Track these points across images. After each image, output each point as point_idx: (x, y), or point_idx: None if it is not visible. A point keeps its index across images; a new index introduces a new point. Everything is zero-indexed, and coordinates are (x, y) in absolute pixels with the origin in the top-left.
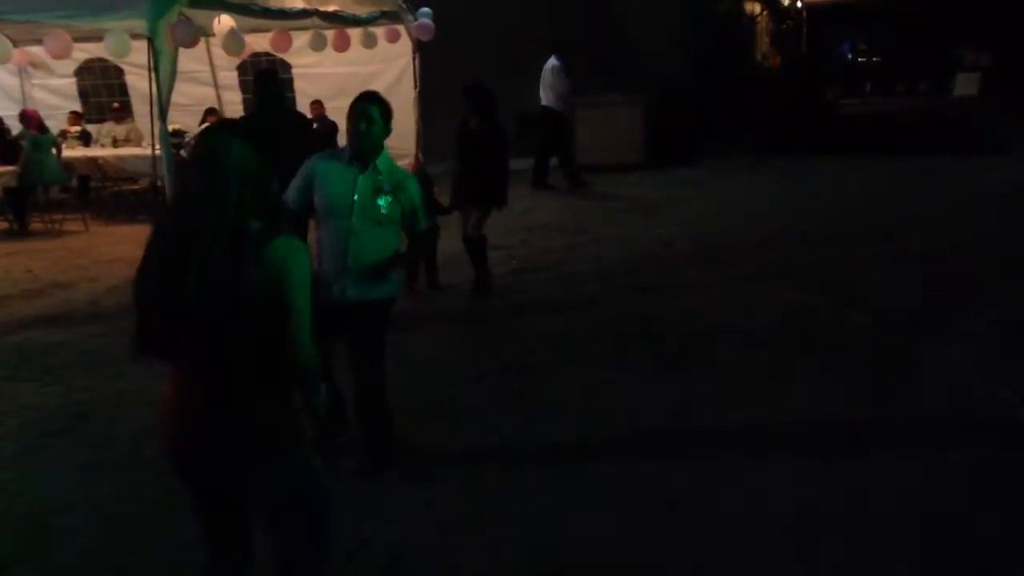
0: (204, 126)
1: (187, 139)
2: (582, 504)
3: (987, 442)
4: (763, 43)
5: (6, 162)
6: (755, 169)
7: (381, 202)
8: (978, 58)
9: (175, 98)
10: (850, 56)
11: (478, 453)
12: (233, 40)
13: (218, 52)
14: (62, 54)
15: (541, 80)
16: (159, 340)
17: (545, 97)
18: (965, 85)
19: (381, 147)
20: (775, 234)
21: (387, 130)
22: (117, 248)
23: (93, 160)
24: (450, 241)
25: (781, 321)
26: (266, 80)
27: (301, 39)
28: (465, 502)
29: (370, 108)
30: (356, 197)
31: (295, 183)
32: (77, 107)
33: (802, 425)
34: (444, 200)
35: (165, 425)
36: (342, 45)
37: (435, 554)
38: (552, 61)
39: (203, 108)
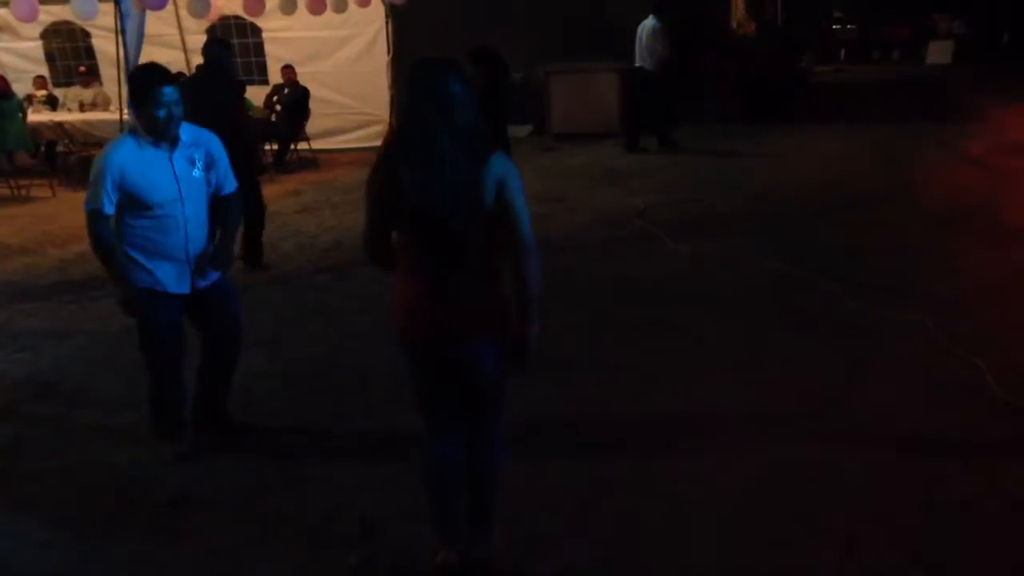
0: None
1: None
2: (554, 475)
3: (959, 409)
4: (738, 10)
5: None
6: (729, 137)
7: (197, 174)
8: (951, 26)
9: (143, 61)
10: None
11: None
12: (199, 2)
13: (186, 15)
14: (28, 17)
15: (636, 40)
16: (387, 253)
17: (640, 58)
18: (938, 53)
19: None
20: (748, 202)
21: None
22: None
23: (60, 125)
24: None
25: (755, 289)
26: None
27: (273, 2)
28: None
29: (175, 90)
30: (178, 179)
31: (105, 186)
32: (43, 71)
33: (777, 392)
34: None
35: (415, 316)
36: (317, 8)
37: (409, 521)
38: (651, 22)
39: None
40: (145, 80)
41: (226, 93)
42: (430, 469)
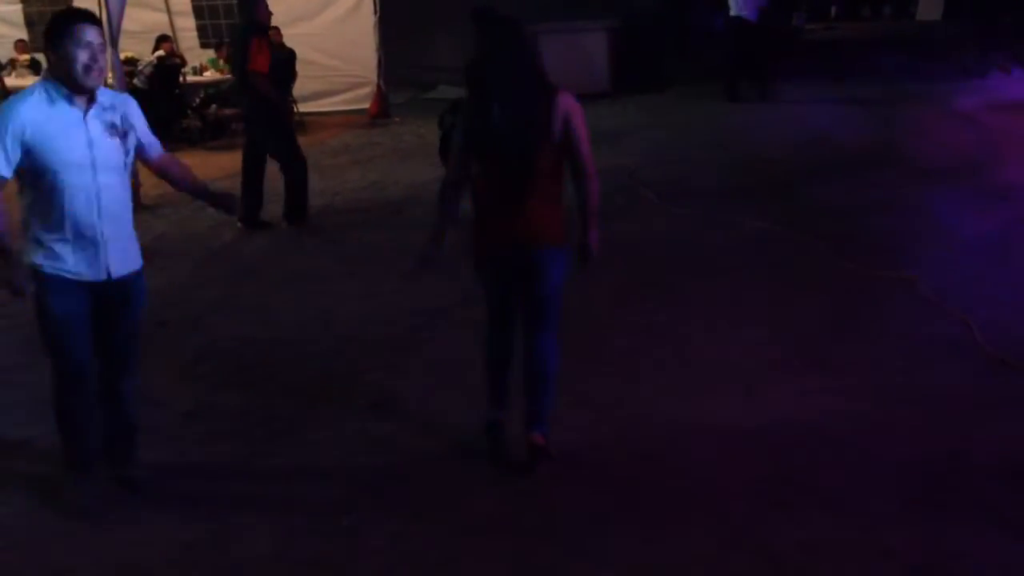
0: (158, 54)
1: (140, 67)
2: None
3: (949, 365)
4: None
5: None
6: (719, 97)
7: (112, 140)
8: None
9: (126, 24)
10: None
11: (441, 383)
12: None
13: None
14: None
15: None
16: (455, 201)
17: (737, 6)
18: (928, 9)
19: None
20: (738, 162)
21: None
22: None
23: None
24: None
25: (745, 248)
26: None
27: None
28: (427, 437)
29: (99, 33)
30: (91, 142)
31: (4, 142)
32: (23, 35)
33: (765, 350)
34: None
35: (491, 229)
36: None
37: (399, 483)
38: None
39: (155, 35)
40: (65, 16)
41: (243, 32)
42: (491, 352)
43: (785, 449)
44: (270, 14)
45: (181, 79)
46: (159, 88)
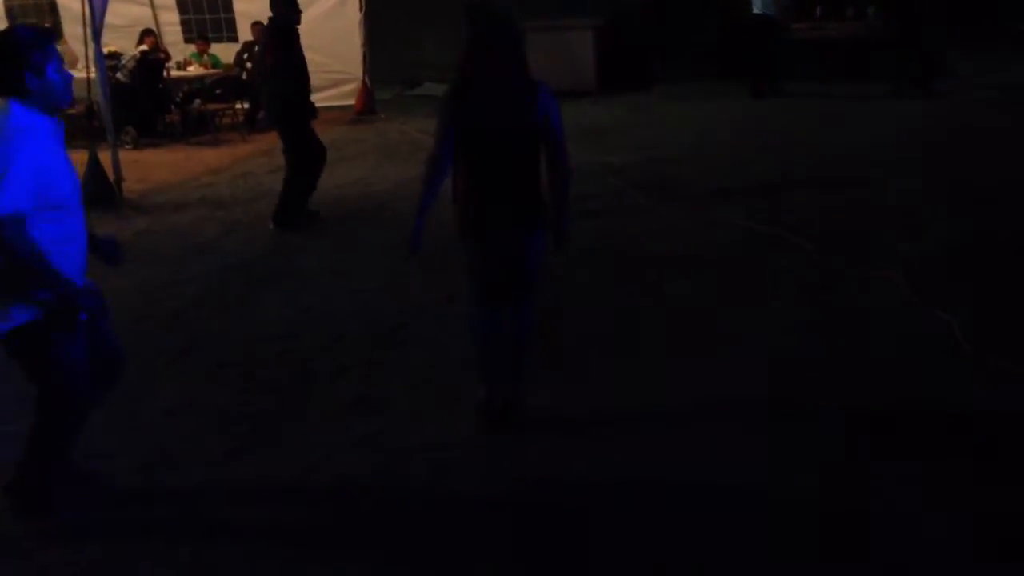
0: (141, 48)
1: (123, 61)
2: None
3: (928, 361)
4: None
5: None
6: (706, 96)
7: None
8: None
9: (109, 19)
10: None
11: (424, 381)
12: None
13: None
14: None
15: None
16: (438, 176)
17: (762, 6)
18: None
19: None
20: (723, 161)
21: None
22: None
23: None
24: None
25: (727, 246)
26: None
27: None
28: (409, 435)
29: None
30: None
31: (22, 181)
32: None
33: (747, 348)
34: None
35: (474, 209)
36: None
37: (383, 478)
38: None
39: (139, 29)
40: (40, 37)
41: (274, 28)
42: (481, 331)
43: (767, 446)
44: (299, 11)
45: (165, 74)
46: (142, 83)
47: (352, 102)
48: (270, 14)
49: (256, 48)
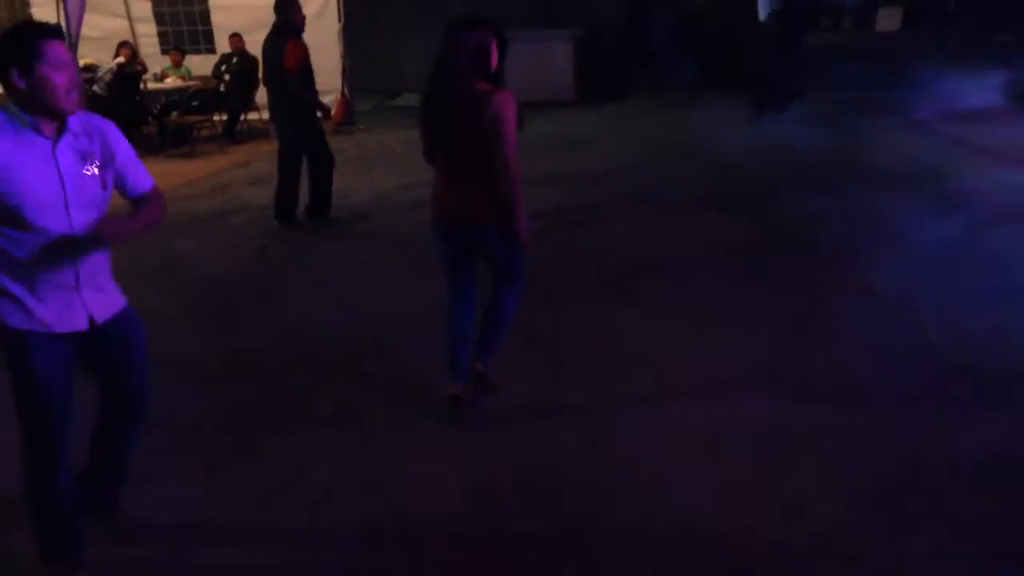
0: (118, 60)
1: (99, 74)
2: (516, 441)
3: (907, 368)
4: None
5: None
6: (686, 105)
7: (89, 172)
8: None
9: (85, 31)
10: None
11: (407, 393)
12: None
13: None
14: None
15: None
16: (431, 158)
17: (766, 15)
18: (887, 20)
19: None
20: (703, 170)
21: None
22: None
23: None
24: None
25: (709, 253)
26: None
27: None
28: (390, 448)
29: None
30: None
31: None
32: None
33: (728, 353)
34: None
35: (440, 205)
36: None
37: (367, 493)
38: None
39: (116, 41)
40: (30, 34)
41: (278, 37)
42: (448, 321)
43: (743, 452)
44: (303, 17)
45: (142, 86)
46: (119, 95)
47: (332, 113)
48: (259, 24)
49: (233, 59)
